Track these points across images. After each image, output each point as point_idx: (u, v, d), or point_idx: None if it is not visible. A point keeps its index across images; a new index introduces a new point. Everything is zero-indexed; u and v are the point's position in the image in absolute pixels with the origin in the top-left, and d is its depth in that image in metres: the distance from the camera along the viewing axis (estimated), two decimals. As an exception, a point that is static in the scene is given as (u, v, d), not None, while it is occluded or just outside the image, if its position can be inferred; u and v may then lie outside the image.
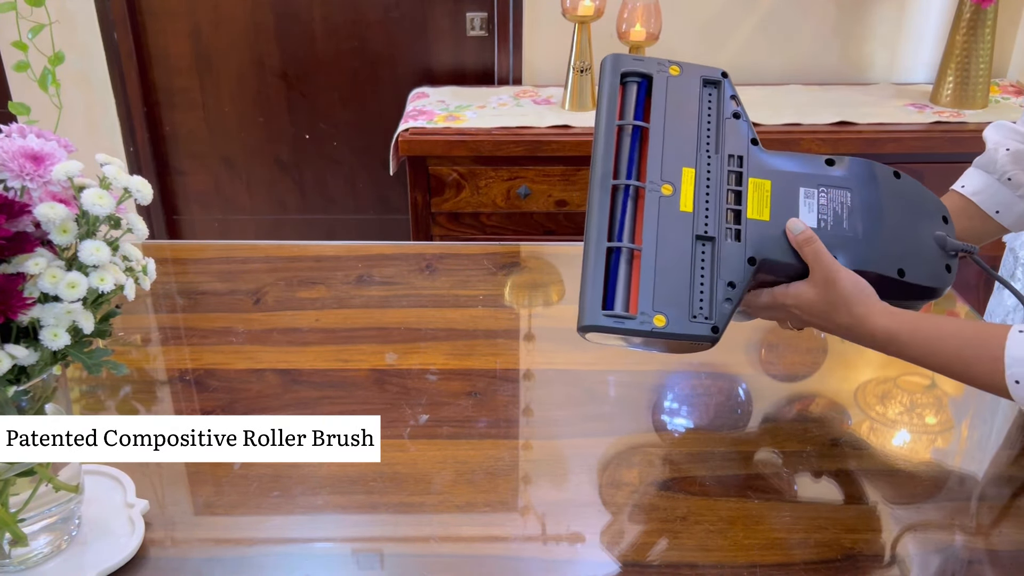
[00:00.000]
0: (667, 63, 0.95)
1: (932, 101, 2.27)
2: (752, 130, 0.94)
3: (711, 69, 0.96)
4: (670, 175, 0.90)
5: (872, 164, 0.95)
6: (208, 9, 2.46)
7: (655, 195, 0.89)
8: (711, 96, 0.95)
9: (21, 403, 0.76)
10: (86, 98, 2.51)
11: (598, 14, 2.14)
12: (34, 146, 0.73)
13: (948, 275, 0.93)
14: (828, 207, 0.91)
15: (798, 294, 0.89)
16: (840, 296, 0.86)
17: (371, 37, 2.49)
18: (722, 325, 0.86)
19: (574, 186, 2.11)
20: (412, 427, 1.01)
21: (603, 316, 0.84)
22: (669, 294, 0.85)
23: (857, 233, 0.90)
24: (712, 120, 0.94)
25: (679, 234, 0.88)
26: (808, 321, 0.91)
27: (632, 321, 0.84)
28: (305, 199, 2.70)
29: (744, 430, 1.02)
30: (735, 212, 0.90)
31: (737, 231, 0.89)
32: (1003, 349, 0.78)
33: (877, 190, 0.93)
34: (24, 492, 0.78)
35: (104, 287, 0.72)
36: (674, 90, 0.94)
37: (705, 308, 0.86)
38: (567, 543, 0.86)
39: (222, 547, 0.85)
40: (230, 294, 1.27)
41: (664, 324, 0.84)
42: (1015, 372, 0.77)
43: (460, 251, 1.41)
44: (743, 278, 0.87)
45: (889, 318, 0.85)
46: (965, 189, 1.04)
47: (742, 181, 0.91)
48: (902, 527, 0.88)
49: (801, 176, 0.92)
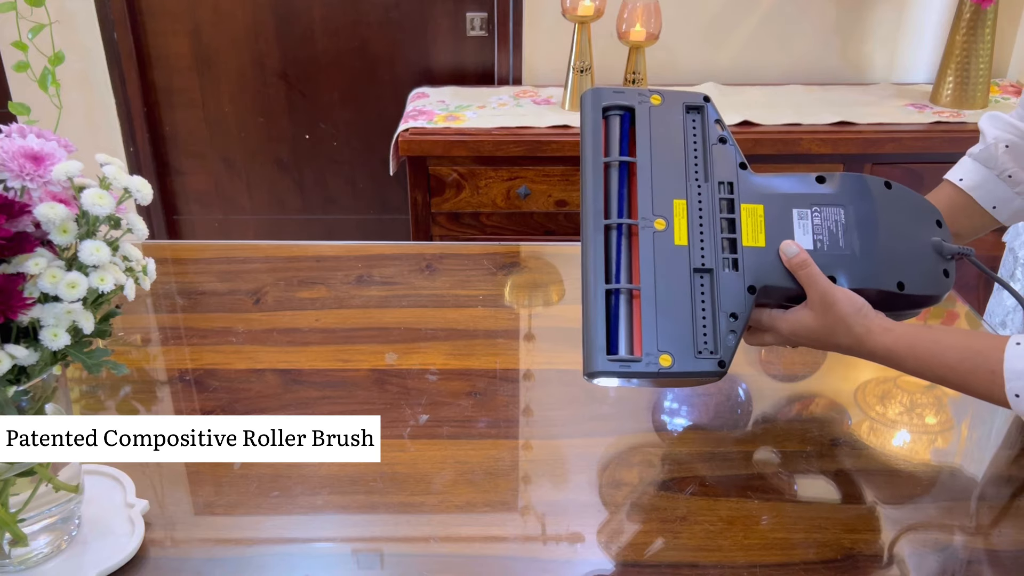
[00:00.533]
0: (648, 92, 0.94)
1: (932, 101, 2.27)
2: (740, 154, 0.93)
3: (693, 95, 0.96)
4: (662, 209, 0.89)
5: (863, 178, 0.94)
6: (208, 9, 2.46)
7: (649, 231, 0.88)
8: (695, 122, 0.94)
9: (21, 403, 0.76)
10: (86, 98, 2.51)
11: (598, 14, 2.14)
12: (34, 146, 0.73)
13: (947, 280, 0.93)
14: (823, 227, 0.91)
15: (795, 320, 0.88)
16: (839, 318, 0.86)
17: (371, 37, 2.49)
18: (728, 358, 0.86)
19: (574, 186, 2.11)
20: (412, 427, 1.01)
21: (609, 362, 0.84)
22: (672, 332, 0.85)
23: (854, 251, 0.90)
24: (698, 147, 0.93)
25: (676, 270, 0.87)
26: (806, 344, 0.90)
27: (638, 364, 0.84)
28: (305, 199, 2.70)
29: (744, 430, 1.02)
30: (730, 241, 0.89)
31: (734, 260, 0.88)
32: (1001, 362, 0.78)
33: (870, 204, 0.93)
34: (24, 492, 0.78)
35: (104, 287, 0.72)
36: (657, 120, 0.93)
37: (710, 343, 0.85)
38: (567, 543, 0.86)
39: (222, 547, 0.85)
40: (230, 294, 1.27)
41: (670, 364, 0.84)
42: (1014, 386, 0.77)
43: (460, 251, 1.41)
44: (744, 308, 0.87)
45: (887, 335, 0.85)
46: (963, 183, 1.03)
47: (734, 208, 0.90)
48: (902, 527, 0.88)
49: (793, 197, 0.92)
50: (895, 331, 0.85)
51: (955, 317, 1.27)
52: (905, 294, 0.90)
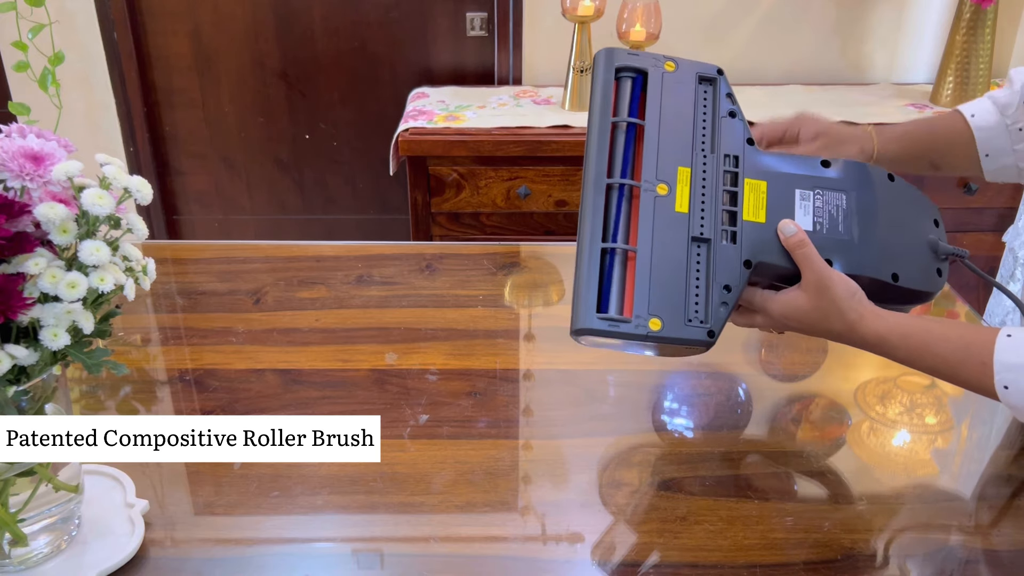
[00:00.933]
0: (663, 59, 0.94)
1: (932, 101, 2.27)
2: (748, 129, 0.93)
3: (707, 65, 0.95)
4: (666, 174, 0.89)
5: (867, 166, 0.94)
6: (208, 9, 2.46)
7: (650, 195, 0.87)
8: (707, 93, 0.94)
9: (21, 403, 0.76)
10: (86, 98, 2.51)
11: (598, 14, 2.14)
12: (34, 146, 0.73)
13: (939, 279, 0.93)
14: (824, 209, 0.90)
15: (788, 302, 0.87)
16: (833, 302, 0.85)
17: (371, 37, 2.49)
18: (718, 329, 0.85)
19: (574, 186, 2.11)
20: (412, 427, 1.01)
21: (598, 319, 0.83)
22: (664, 297, 0.84)
23: (852, 237, 0.89)
24: (708, 118, 0.93)
25: (675, 236, 0.87)
26: (796, 329, 0.89)
27: (627, 325, 0.83)
28: (305, 199, 2.70)
29: (744, 430, 1.02)
30: (730, 213, 0.89)
31: (733, 233, 0.88)
32: (991, 354, 0.78)
33: (872, 193, 0.92)
34: (24, 492, 0.78)
35: (104, 287, 0.72)
36: (669, 87, 0.93)
37: (701, 312, 0.85)
38: (567, 543, 0.86)
39: (222, 547, 0.85)
40: (230, 294, 1.27)
41: (659, 328, 0.83)
42: (1003, 378, 0.78)
43: (460, 251, 1.41)
44: (739, 281, 0.86)
45: (880, 323, 0.85)
46: (973, 120, 1.04)
47: (738, 182, 0.90)
48: (901, 527, 0.88)
49: (797, 178, 0.91)
50: (888, 319, 0.85)
51: (955, 317, 1.27)
52: (898, 286, 0.89)
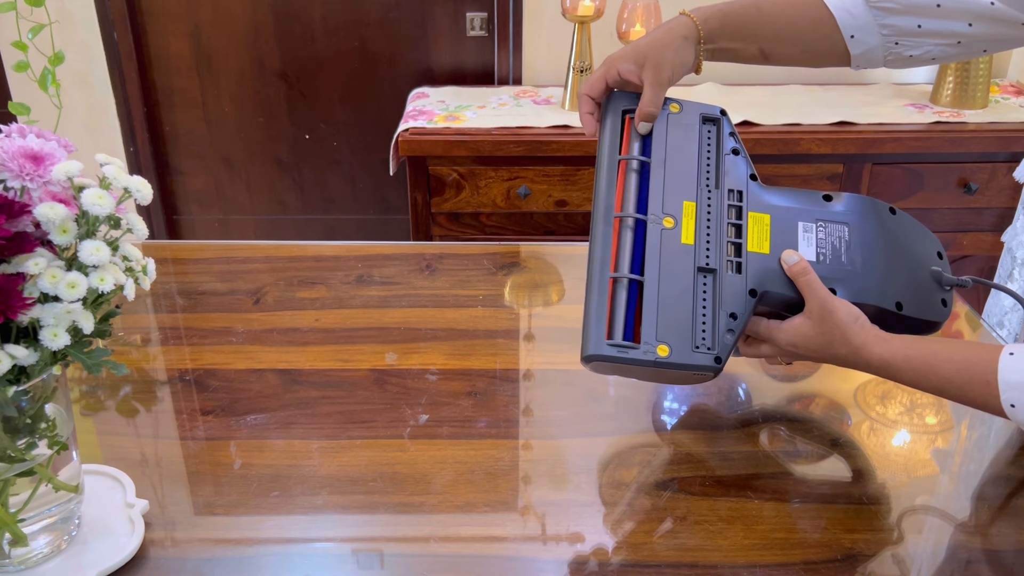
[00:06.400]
0: (668, 101, 0.98)
1: (932, 101, 2.27)
2: (751, 166, 0.96)
3: (710, 107, 0.99)
4: (671, 208, 0.92)
5: (869, 200, 0.97)
6: (208, 9, 2.46)
7: (657, 228, 0.90)
8: (710, 133, 0.98)
9: (21, 403, 0.76)
10: (86, 98, 2.51)
11: (598, 14, 2.14)
12: (34, 146, 0.73)
13: (944, 309, 0.95)
14: (827, 241, 0.92)
15: (793, 329, 0.88)
16: (837, 327, 0.86)
17: (371, 37, 2.49)
18: (724, 356, 0.87)
19: (574, 186, 2.11)
20: (412, 427, 1.01)
21: (607, 345, 0.85)
22: (672, 324, 0.86)
23: (856, 267, 0.91)
24: (712, 156, 0.96)
25: (681, 266, 0.89)
26: (803, 356, 0.90)
27: (636, 351, 0.85)
28: (305, 199, 2.70)
29: (744, 430, 1.02)
30: (735, 245, 0.91)
31: (738, 263, 0.90)
32: (995, 374, 0.79)
33: (874, 225, 0.95)
34: (24, 492, 0.78)
35: (104, 287, 0.72)
36: (675, 127, 0.97)
37: (708, 339, 0.87)
38: (567, 543, 0.86)
39: (222, 547, 0.85)
40: (230, 294, 1.28)
41: (667, 354, 0.85)
42: (1009, 396, 0.78)
43: (460, 251, 1.41)
44: (744, 310, 0.88)
45: (884, 346, 0.86)
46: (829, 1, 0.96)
47: (742, 215, 0.93)
48: (901, 527, 0.88)
49: (800, 211, 0.94)
50: (891, 342, 0.86)
51: (955, 317, 1.27)
52: (903, 315, 0.91)
